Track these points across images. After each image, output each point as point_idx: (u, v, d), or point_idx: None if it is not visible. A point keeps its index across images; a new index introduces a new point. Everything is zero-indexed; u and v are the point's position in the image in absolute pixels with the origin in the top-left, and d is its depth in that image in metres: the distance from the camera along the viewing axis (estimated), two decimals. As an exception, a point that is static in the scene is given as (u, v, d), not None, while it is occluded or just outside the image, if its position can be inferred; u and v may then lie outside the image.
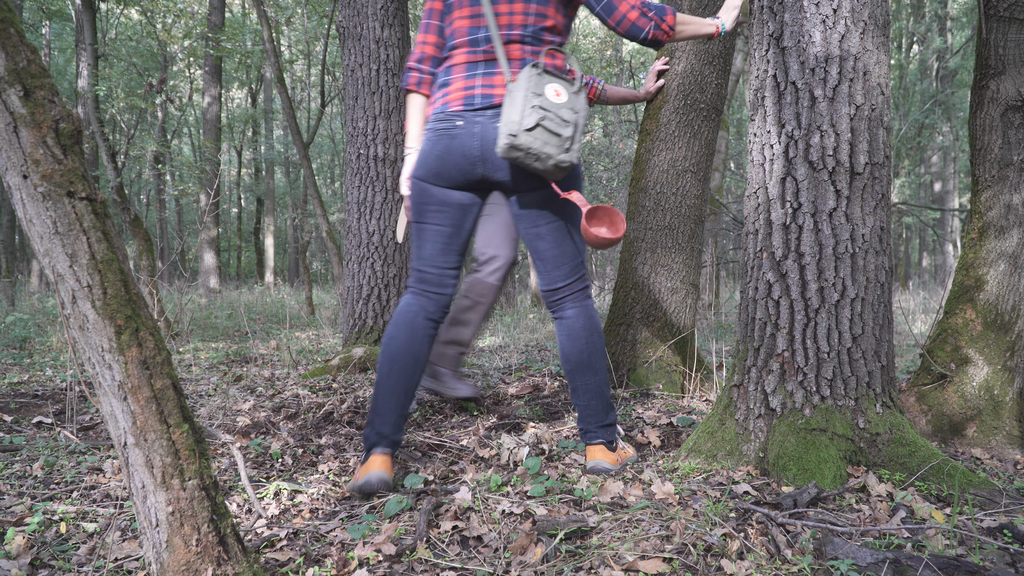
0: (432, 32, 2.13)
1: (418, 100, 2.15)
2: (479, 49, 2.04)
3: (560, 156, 1.88)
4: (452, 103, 2.01)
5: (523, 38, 2.03)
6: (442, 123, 2.02)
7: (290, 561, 1.55)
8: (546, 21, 2.05)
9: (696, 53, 3.31)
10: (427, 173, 2.05)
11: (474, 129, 1.98)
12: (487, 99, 1.99)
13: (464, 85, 2.02)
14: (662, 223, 3.33)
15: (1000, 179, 2.46)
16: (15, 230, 15.73)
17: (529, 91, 1.87)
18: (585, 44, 14.88)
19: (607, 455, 2.12)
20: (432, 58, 2.14)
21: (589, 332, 2.14)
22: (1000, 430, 2.40)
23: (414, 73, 2.13)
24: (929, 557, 1.43)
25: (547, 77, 1.93)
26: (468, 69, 2.04)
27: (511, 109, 1.86)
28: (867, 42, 1.98)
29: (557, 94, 1.91)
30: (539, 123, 1.85)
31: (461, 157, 2.00)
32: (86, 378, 3.48)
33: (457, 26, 2.07)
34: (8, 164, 1.13)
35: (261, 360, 4.83)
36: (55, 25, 18.41)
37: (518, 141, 1.83)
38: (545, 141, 1.86)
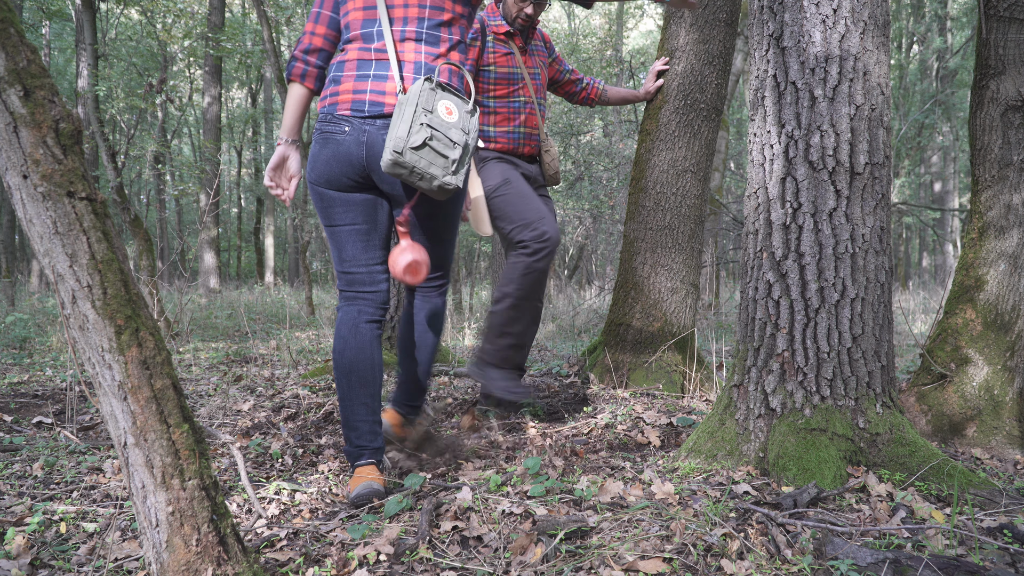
0: (322, 23, 2.02)
1: (300, 92, 2.02)
2: (371, 46, 1.94)
3: (445, 178, 1.83)
4: (341, 106, 1.93)
5: (419, 35, 1.94)
6: (329, 127, 1.94)
7: (290, 561, 1.55)
8: (442, 15, 1.96)
9: (696, 53, 3.31)
10: (319, 177, 1.97)
11: (361, 138, 1.90)
12: (376, 107, 1.90)
13: (354, 88, 1.93)
14: (662, 223, 3.33)
15: (1000, 179, 2.46)
16: (15, 230, 15.73)
17: (419, 107, 1.79)
18: (585, 44, 14.88)
19: (394, 419, 2.29)
20: (320, 51, 2.02)
21: (440, 322, 2.24)
22: (1000, 430, 2.40)
23: (299, 64, 2.01)
24: (929, 557, 1.43)
25: (440, 93, 1.86)
26: (359, 68, 1.94)
27: (399, 124, 1.78)
28: (867, 42, 1.98)
29: (449, 112, 1.85)
30: (426, 142, 1.78)
31: (348, 165, 1.93)
32: (86, 378, 3.48)
33: (352, 18, 1.98)
34: (8, 164, 1.13)
35: (261, 360, 4.83)
36: (55, 25, 18.41)
37: (403, 159, 1.77)
38: (431, 161, 1.80)
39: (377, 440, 2.00)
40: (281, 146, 2.03)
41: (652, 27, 23.45)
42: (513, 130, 2.94)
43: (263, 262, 20.76)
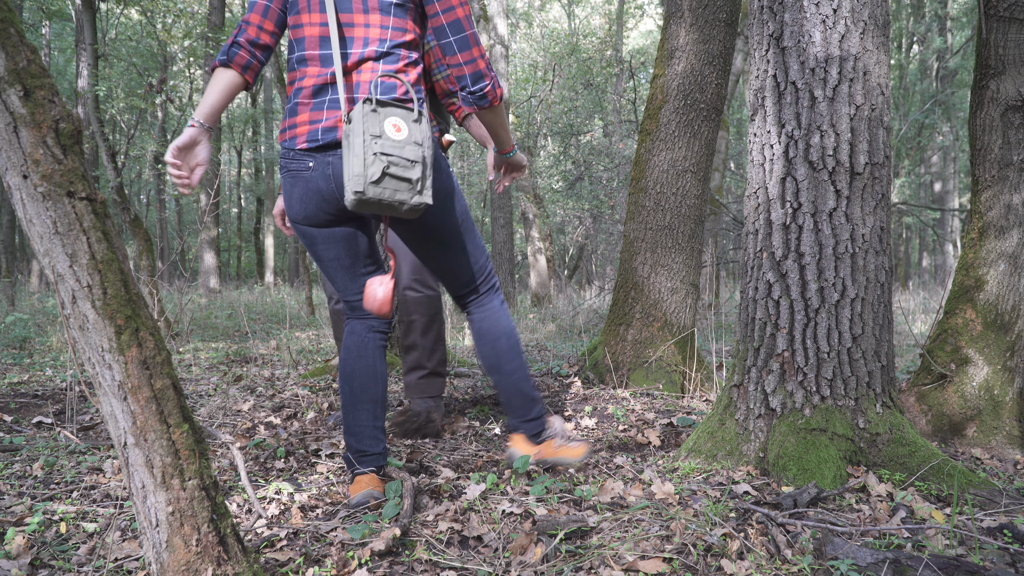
0: (271, 19, 1.86)
1: (235, 81, 1.84)
2: (328, 71, 1.81)
3: (413, 200, 1.75)
4: (299, 139, 1.82)
5: (378, 55, 1.82)
6: (294, 164, 1.84)
7: (290, 561, 1.55)
8: (405, 35, 1.85)
9: (696, 53, 3.31)
10: (297, 216, 1.90)
11: (327, 171, 1.81)
12: (329, 133, 1.79)
13: (310, 118, 1.81)
14: (662, 223, 3.33)
15: (1000, 179, 2.46)
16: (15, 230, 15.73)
17: (367, 134, 1.69)
18: (585, 44, 14.88)
19: (524, 445, 2.16)
20: (266, 48, 1.87)
21: (494, 335, 2.10)
22: (1000, 430, 2.40)
23: (244, 53, 1.83)
24: (929, 557, 1.43)
25: (383, 111, 1.74)
26: (316, 95, 1.82)
27: (353, 160, 1.69)
28: (867, 42, 1.98)
29: (397, 129, 1.74)
30: (385, 172, 1.69)
31: (321, 200, 1.85)
32: (86, 378, 3.48)
33: (308, 34, 1.83)
34: (8, 164, 1.13)
35: (261, 360, 4.83)
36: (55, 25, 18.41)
37: (366, 196, 1.68)
38: (395, 189, 1.72)
39: (378, 446, 1.98)
40: (195, 128, 1.82)
41: (652, 27, 23.45)
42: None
43: (263, 262, 20.77)
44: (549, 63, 13.92)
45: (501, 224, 10.86)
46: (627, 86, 14.20)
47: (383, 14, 1.82)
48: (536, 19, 18.53)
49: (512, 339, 2.11)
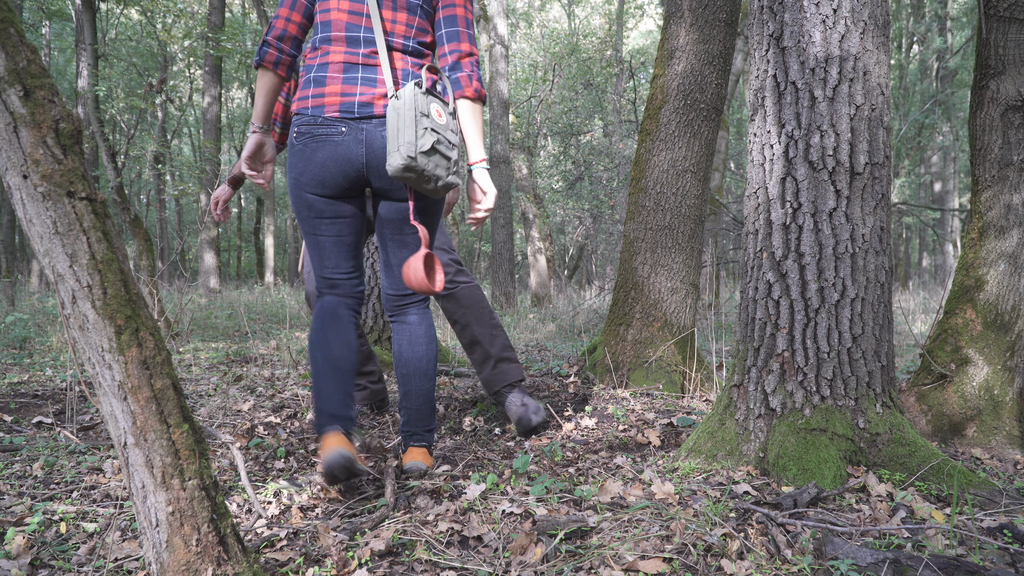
0: (298, 11, 1.98)
1: (272, 80, 1.99)
2: (359, 51, 1.95)
3: (449, 178, 1.89)
4: (328, 108, 1.92)
5: (405, 48, 1.98)
6: (321, 129, 1.93)
7: (290, 561, 1.55)
8: (427, 36, 2.02)
9: (696, 53, 3.31)
10: (311, 182, 1.96)
11: (360, 136, 1.92)
12: (366, 108, 1.92)
13: (342, 90, 1.93)
14: (662, 223, 3.33)
15: (1000, 179, 2.46)
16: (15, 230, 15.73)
17: (417, 111, 1.82)
18: (585, 44, 14.88)
19: (427, 458, 2.13)
20: (294, 39, 1.98)
21: (429, 339, 2.14)
22: (1000, 430, 2.40)
23: (272, 51, 1.96)
24: (929, 557, 1.43)
25: (430, 97, 1.88)
26: (347, 71, 1.95)
27: (405, 128, 1.80)
28: (867, 42, 1.98)
29: (440, 115, 1.89)
30: (435, 146, 1.82)
31: (347, 164, 1.94)
32: (86, 378, 3.48)
33: (335, 17, 1.96)
34: (8, 164, 1.13)
35: (261, 360, 4.83)
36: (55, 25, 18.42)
37: (416, 164, 1.79)
38: (437, 164, 1.84)
39: (348, 410, 1.98)
40: (256, 134, 2.04)
41: (652, 27, 23.46)
42: None
43: (263, 262, 20.77)
44: (549, 63, 13.92)
45: (501, 224, 10.86)
46: (627, 86, 14.20)
47: (410, 13, 1.99)
48: (536, 19, 18.53)
49: (436, 347, 2.18)
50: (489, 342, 2.72)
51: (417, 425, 2.16)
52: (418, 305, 2.16)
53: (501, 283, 10.78)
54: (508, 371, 2.72)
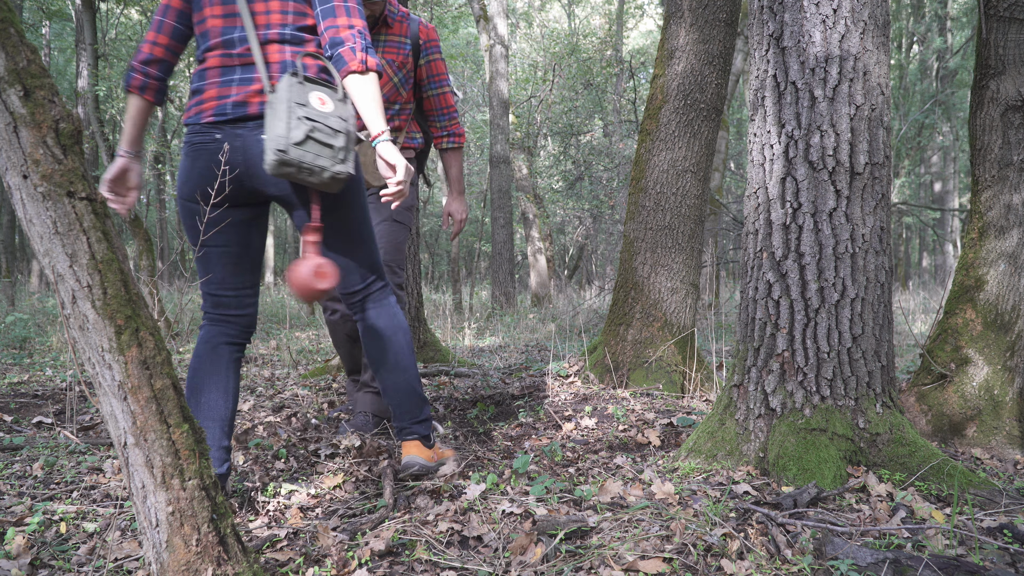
0: (165, 32, 1.91)
1: (138, 104, 1.92)
2: (234, 52, 1.86)
3: (335, 168, 1.75)
4: (205, 113, 1.85)
5: (282, 37, 1.87)
6: (198, 137, 1.85)
7: (290, 561, 1.55)
8: (306, 19, 1.89)
9: (696, 53, 3.31)
10: (191, 192, 1.88)
11: (235, 143, 1.82)
12: (240, 108, 1.82)
13: (218, 93, 1.85)
14: (662, 223, 3.33)
15: (1000, 179, 2.46)
16: (15, 230, 15.73)
17: (291, 101, 1.72)
18: (585, 44, 14.87)
19: (423, 451, 2.06)
20: (161, 61, 1.91)
21: (393, 330, 2.03)
22: (1000, 430, 2.40)
23: (137, 76, 1.90)
24: (929, 557, 1.43)
25: (309, 85, 1.77)
26: (223, 74, 1.86)
27: (276, 122, 1.70)
28: (867, 42, 1.98)
29: (322, 102, 1.78)
30: (308, 135, 1.71)
31: (224, 172, 1.85)
32: (86, 378, 3.48)
33: (211, 26, 1.88)
34: (8, 164, 1.13)
35: (261, 360, 4.83)
36: (55, 25, 18.40)
37: (288, 156, 1.69)
38: (317, 153, 1.73)
39: (221, 467, 1.86)
40: (122, 159, 1.94)
41: (652, 27, 23.46)
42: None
43: (263, 262, 20.72)
44: (549, 63, 13.92)
45: (501, 224, 10.86)
46: (627, 86, 14.20)
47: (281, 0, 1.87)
48: (536, 19, 18.53)
49: (408, 335, 2.07)
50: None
51: (404, 419, 2.08)
52: (372, 298, 2.04)
53: (501, 283, 10.77)
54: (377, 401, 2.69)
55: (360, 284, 2.02)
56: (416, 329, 4.38)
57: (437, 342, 4.50)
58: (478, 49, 16.67)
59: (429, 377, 3.92)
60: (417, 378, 2.09)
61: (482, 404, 3.14)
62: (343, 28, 1.84)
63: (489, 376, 3.85)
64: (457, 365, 4.20)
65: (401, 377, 2.05)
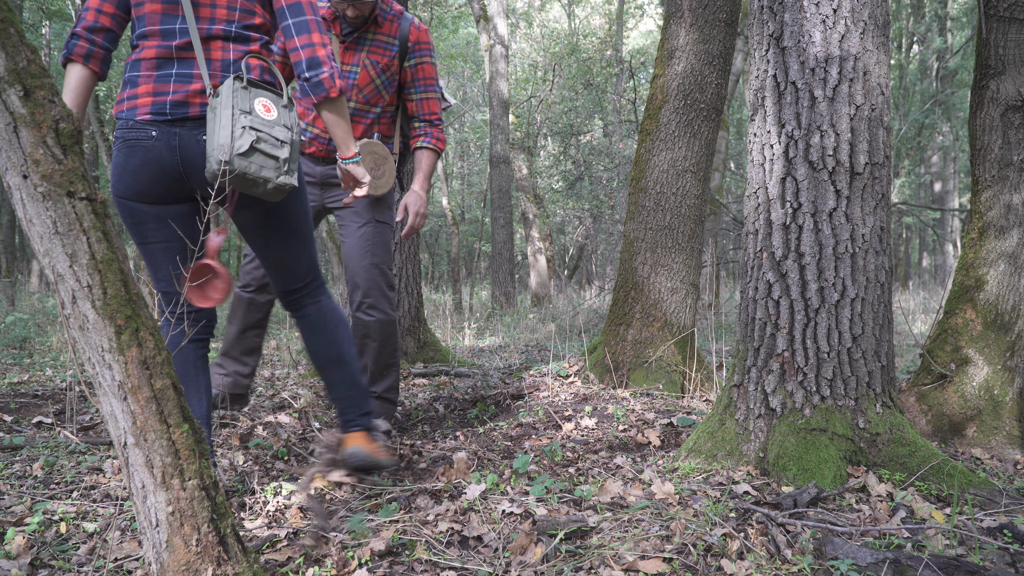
0: (111, 1, 1.78)
1: (82, 74, 1.77)
2: (172, 44, 1.76)
3: (279, 179, 1.72)
4: (141, 110, 1.75)
5: (227, 34, 1.79)
6: (132, 133, 1.75)
7: (290, 561, 1.55)
8: (254, 18, 1.83)
9: (696, 53, 3.31)
10: (128, 191, 1.79)
11: (172, 142, 1.75)
12: (180, 108, 1.74)
13: (154, 89, 1.75)
14: (662, 223, 3.33)
15: (1000, 179, 2.46)
16: (15, 230, 15.72)
17: (236, 108, 1.66)
18: (585, 44, 14.87)
19: (367, 443, 2.03)
20: (107, 31, 1.78)
21: (334, 324, 2.03)
22: (1000, 430, 2.40)
23: (82, 43, 1.75)
24: (929, 557, 1.43)
25: (253, 91, 1.72)
26: (159, 67, 1.76)
27: (220, 130, 1.65)
28: (867, 42, 1.98)
29: (267, 109, 1.73)
30: (253, 146, 1.66)
31: (161, 173, 1.77)
32: (86, 378, 3.48)
33: (149, 11, 1.77)
34: (8, 164, 1.13)
35: (261, 360, 4.83)
36: (55, 25, 18.39)
37: (233, 167, 1.64)
38: (262, 165, 1.68)
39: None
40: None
41: (652, 27, 23.46)
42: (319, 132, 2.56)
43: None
44: (549, 63, 13.92)
45: (501, 224, 10.86)
46: (627, 86, 14.20)
47: None
48: (536, 19, 18.53)
49: (348, 328, 2.06)
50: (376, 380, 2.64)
51: (349, 412, 2.05)
52: (310, 295, 2.02)
53: (501, 283, 10.77)
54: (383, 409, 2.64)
55: (299, 283, 2.00)
56: (416, 329, 4.38)
57: (437, 342, 4.50)
58: (478, 49, 16.68)
59: (429, 377, 3.92)
60: (358, 371, 2.07)
61: (482, 404, 3.14)
62: (319, 47, 1.79)
63: (489, 376, 3.85)
64: (457, 365, 4.20)
65: (345, 371, 2.04)
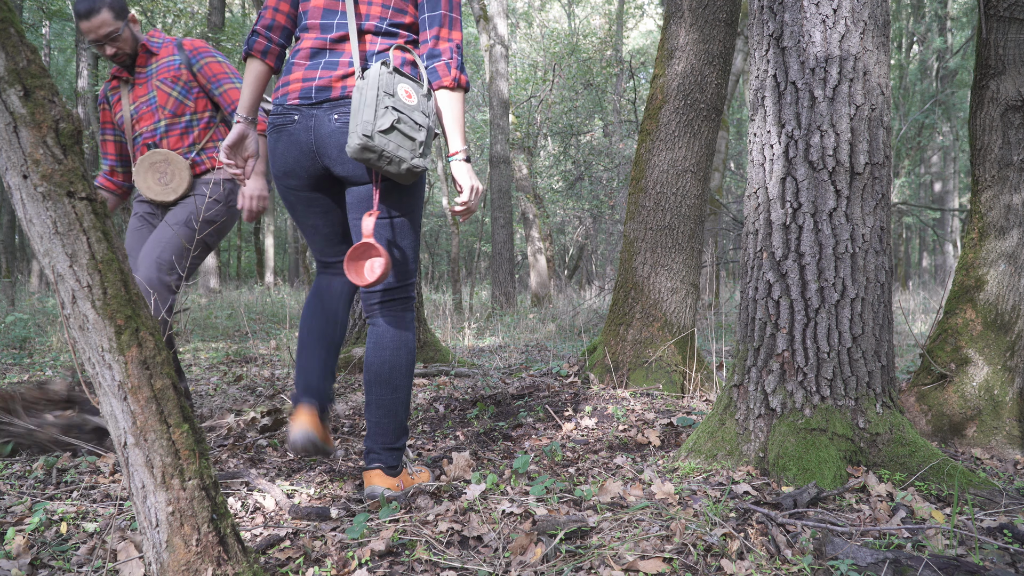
0: (286, 0, 1.96)
1: (260, 69, 1.96)
2: (328, 36, 1.91)
3: (413, 160, 1.80)
4: (291, 95, 1.90)
5: (378, 29, 1.91)
6: (280, 118, 1.92)
7: (290, 561, 1.55)
8: (405, 17, 1.94)
9: (696, 53, 3.31)
10: (279, 172, 1.96)
11: (309, 123, 1.88)
12: (323, 92, 1.87)
13: (304, 76, 1.90)
14: (662, 223, 3.33)
15: (1000, 179, 2.46)
16: (15, 230, 15.72)
17: (381, 90, 1.77)
18: (585, 44, 14.87)
19: (384, 480, 1.94)
20: (283, 28, 1.96)
21: (396, 346, 1.96)
22: (1000, 430, 2.40)
23: (260, 39, 1.94)
24: (929, 557, 1.43)
25: (397, 76, 1.83)
26: (312, 56, 1.92)
27: (364, 108, 1.75)
28: (867, 42, 1.98)
29: (408, 95, 1.83)
30: (394, 125, 1.76)
31: (299, 153, 1.91)
32: (86, 378, 3.48)
33: (312, 5, 1.94)
34: (8, 164, 1.13)
35: (261, 360, 4.83)
36: (55, 25, 18.40)
37: (373, 143, 1.73)
38: (399, 144, 1.78)
39: (323, 383, 1.98)
40: (240, 124, 1.97)
41: (652, 27, 23.45)
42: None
43: (263, 262, 20.74)
44: (549, 63, 13.92)
45: (501, 224, 10.86)
46: (627, 86, 14.20)
47: None
48: (536, 19, 18.53)
49: (413, 356, 2.00)
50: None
51: (376, 440, 1.95)
52: (388, 307, 1.98)
53: (501, 283, 10.77)
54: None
55: (394, 283, 1.98)
56: (416, 329, 4.38)
57: (437, 342, 4.50)
58: (478, 49, 16.67)
59: (429, 377, 3.92)
60: (405, 404, 1.98)
61: (482, 404, 3.14)
62: (443, 40, 1.93)
63: (489, 376, 3.84)
64: (457, 365, 4.19)
65: (388, 396, 1.95)
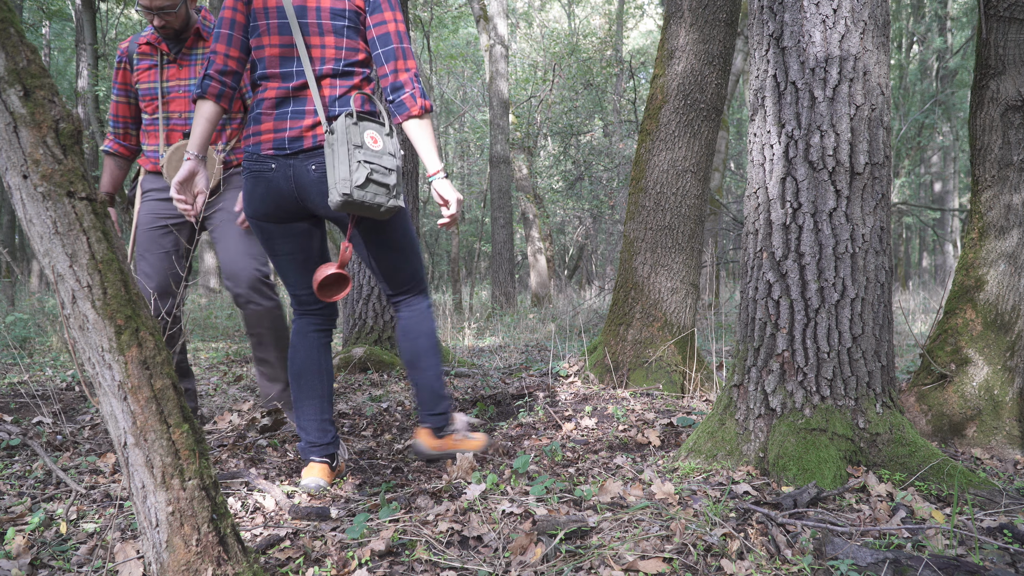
0: (235, 46, 2.04)
1: (213, 111, 2.05)
2: (289, 85, 2.01)
3: (390, 203, 1.96)
4: (264, 145, 2.01)
5: (335, 72, 2.03)
6: (256, 165, 2.03)
7: (290, 561, 1.55)
8: (358, 55, 2.06)
9: (696, 53, 3.31)
10: (256, 212, 2.07)
11: (288, 173, 2.00)
12: (296, 142, 1.99)
13: (275, 127, 2.01)
14: (662, 223, 3.33)
15: (1000, 179, 2.46)
16: (15, 230, 15.72)
17: (350, 144, 1.90)
18: (585, 44, 14.87)
19: (428, 439, 2.30)
20: (235, 73, 2.06)
21: (417, 333, 2.25)
22: (1000, 430, 2.40)
23: (215, 83, 2.03)
24: (929, 557, 1.43)
25: (363, 124, 1.96)
26: (278, 106, 2.02)
27: (339, 166, 1.88)
28: (867, 42, 1.98)
29: (375, 140, 1.96)
30: (368, 178, 1.90)
31: (280, 198, 2.03)
32: (86, 378, 3.48)
33: (267, 54, 2.03)
34: (8, 164, 1.13)
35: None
36: (55, 25, 18.40)
37: (353, 198, 1.88)
38: (375, 193, 1.92)
39: (326, 437, 2.14)
40: (191, 161, 2.06)
41: (652, 27, 23.46)
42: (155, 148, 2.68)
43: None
44: (549, 63, 13.92)
45: (501, 224, 10.86)
46: (627, 86, 14.20)
47: (337, 36, 2.02)
48: (536, 19, 18.53)
49: (432, 339, 2.27)
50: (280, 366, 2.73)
51: (422, 409, 2.30)
52: (406, 303, 2.26)
53: (501, 283, 10.77)
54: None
55: (400, 288, 2.24)
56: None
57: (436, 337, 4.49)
58: (478, 49, 16.67)
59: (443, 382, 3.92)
60: (437, 377, 2.28)
61: (482, 404, 3.14)
62: (402, 72, 2.04)
63: (489, 376, 3.84)
64: (457, 365, 4.19)
65: (421, 375, 2.26)
